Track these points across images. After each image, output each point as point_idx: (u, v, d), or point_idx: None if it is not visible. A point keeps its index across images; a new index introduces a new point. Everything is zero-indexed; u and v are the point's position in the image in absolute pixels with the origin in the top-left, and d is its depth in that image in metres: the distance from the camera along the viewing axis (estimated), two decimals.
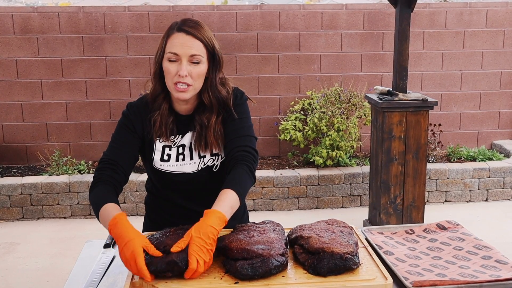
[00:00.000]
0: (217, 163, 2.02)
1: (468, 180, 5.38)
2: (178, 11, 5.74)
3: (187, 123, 2.01)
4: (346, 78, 5.98)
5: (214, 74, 1.96)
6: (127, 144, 1.97)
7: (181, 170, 1.99)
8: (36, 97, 5.73)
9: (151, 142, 1.99)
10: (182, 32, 1.88)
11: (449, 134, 6.21)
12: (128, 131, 1.99)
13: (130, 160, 1.98)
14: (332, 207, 5.29)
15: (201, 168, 2.01)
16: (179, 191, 2.06)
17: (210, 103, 1.97)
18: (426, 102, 4.12)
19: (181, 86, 1.87)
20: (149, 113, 1.99)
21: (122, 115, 2.04)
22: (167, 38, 1.90)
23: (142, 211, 5.09)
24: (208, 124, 1.96)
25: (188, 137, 2.01)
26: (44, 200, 5.03)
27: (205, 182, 2.04)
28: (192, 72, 1.88)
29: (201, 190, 2.06)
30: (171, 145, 1.99)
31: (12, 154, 5.80)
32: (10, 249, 4.45)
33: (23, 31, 5.61)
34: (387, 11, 5.90)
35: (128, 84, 5.79)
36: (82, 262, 1.86)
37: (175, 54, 1.86)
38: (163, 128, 1.95)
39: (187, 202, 2.08)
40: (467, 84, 6.16)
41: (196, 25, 1.90)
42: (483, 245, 1.87)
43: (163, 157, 1.99)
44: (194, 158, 2.00)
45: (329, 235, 1.76)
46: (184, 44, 1.86)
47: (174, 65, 1.87)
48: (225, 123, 2.01)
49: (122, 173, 1.94)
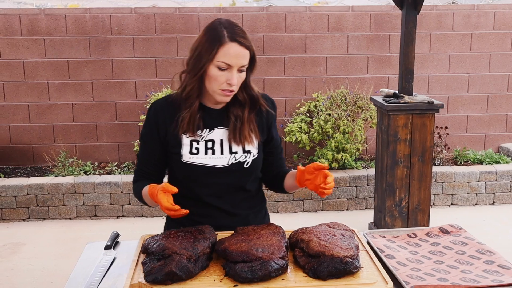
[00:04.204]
0: (248, 160, 2.02)
1: (474, 184, 5.34)
2: (185, 13, 5.75)
3: (216, 117, 2.03)
4: (352, 80, 5.96)
5: (249, 75, 2.01)
6: (154, 150, 2.05)
7: (211, 163, 1.99)
8: (43, 98, 5.75)
9: (178, 137, 2.00)
10: (235, 42, 1.89)
11: (456, 137, 6.18)
12: (153, 132, 2.04)
13: (160, 165, 2.09)
14: (337, 210, 5.27)
15: (232, 163, 2.01)
16: (207, 186, 2.04)
17: (244, 100, 2.03)
18: (432, 104, 4.10)
19: (228, 93, 1.93)
20: (175, 111, 2.01)
21: (147, 114, 2.08)
22: (219, 45, 1.88)
23: (147, 212, 5.10)
24: (243, 117, 2.01)
25: (218, 133, 2.02)
26: (49, 201, 5.04)
27: (235, 178, 2.04)
28: (238, 79, 1.93)
29: (230, 187, 2.06)
30: (199, 139, 2.00)
31: (18, 155, 5.83)
32: (16, 249, 4.47)
33: (30, 33, 5.63)
34: (394, 13, 5.88)
35: (134, 85, 5.80)
36: (82, 264, 1.86)
37: (228, 64, 1.89)
38: (190, 124, 1.98)
39: (214, 199, 2.06)
40: (474, 86, 6.13)
41: (244, 33, 1.93)
42: (486, 250, 1.86)
43: (192, 151, 2.00)
44: (224, 153, 2.01)
45: (330, 239, 1.75)
46: (238, 55, 1.89)
47: (223, 73, 1.90)
48: (262, 127, 2.08)
49: (157, 181, 2.07)
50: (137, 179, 2.11)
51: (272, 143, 2.13)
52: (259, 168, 2.10)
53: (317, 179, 1.84)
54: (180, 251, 1.65)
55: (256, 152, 2.04)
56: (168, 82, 5.75)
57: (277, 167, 2.17)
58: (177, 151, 2.00)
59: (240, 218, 2.08)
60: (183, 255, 1.63)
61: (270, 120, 2.11)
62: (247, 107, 2.03)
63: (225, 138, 2.02)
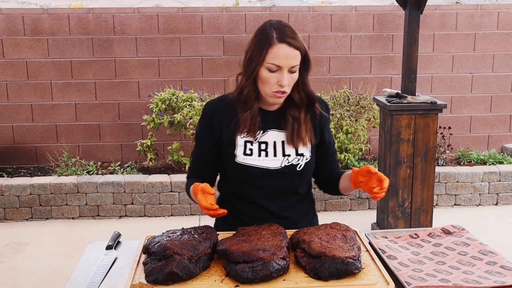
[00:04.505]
0: (301, 163, 2.03)
1: (478, 184, 5.33)
2: (187, 12, 5.75)
3: (271, 119, 2.04)
4: (355, 81, 5.95)
5: (305, 75, 2.00)
6: (207, 149, 2.08)
7: (264, 165, 2.00)
8: (46, 98, 5.76)
9: (232, 138, 2.02)
10: (284, 43, 1.89)
11: (459, 137, 6.16)
12: (207, 132, 2.06)
13: (212, 164, 2.11)
14: (340, 210, 5.27)
15: (285, 166, 2.01)
16: (259, 188, 2.05)
17: (300, 101, 2.03)
18: (435, 105, 4.09)
19: (280, 94, 1.94)
20: (232, 112, 2.02)
21: (202, 114, 2.10)
22: (268, 47, 1.90)
23: (150, 212, 5.10)
24: (300, 118, 2.02)
25: (271, 135, 2.03)
26: (52, 200, 5.05)
27: (287, 180, 2.04)
28: (290, 80, 1.93)
29: (282, 189, 2.06)
30: (253, 140, 2.01)
31: (22, 155, 5.84)
32: (19, 249, 4.47)
33: (34, 33, 5.64)
34: (397, 13, 5.86)
35: (137, 85, 5.81)
36: (83, 264, 1.86)
37: (278, 66, 1.90)
38: (251, 126, 1.99)
39: (266, 201, 2.06)
40: (477, 87, 6.11)
41: (294, 33, 1.92)
42: (488, 251, 1.85)
43: (246, 152, 2.01)
44: (277, 155, 2.01)
45: (331, 239, 1.74)
46: (287, 57, 1.89)
47: (274, 75, 1.91)
48: (315, 130, 2.09)
49: (209, 179, 2.10)
50: (190, 176, 2.15)
51: (325, 146, 2.13)
52: (311, 171, 2.10)
53: (370, 182, 1.85)
54: (181, 251, 1.64)
55: (309, 155, 2.04)
56: (171, 82, 5.75)
57: (330, 169, 2.18)
58: (231, 151, 2.01)
59: (289, 221, 2.08)
60: (184, 256, 1.63)
61: (323, 123, 2.11)
62: (304, 108, 2.04)
63: (278, 140, 2.03)
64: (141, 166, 5.73)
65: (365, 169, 1.86)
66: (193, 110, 5.17)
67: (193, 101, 5.28)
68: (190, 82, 5.80)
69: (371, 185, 1.84)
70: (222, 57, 5.83)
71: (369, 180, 1.86)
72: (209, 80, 5.83)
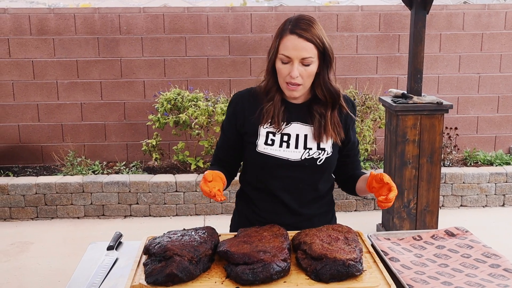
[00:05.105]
0: (322, 157, 2.03)
1: (484, 185, 5.29)
2: (193, 12, 5.75)
3: (294, 112, 2.05)
4: (361, 81, 5.93)
5: (325, 71, 2.00)
6: (229, 138, 2.12)
7: (284, 155, 2.01)
8: (52, 98, 5.78)
9: (255, 128, 2.04)
10: (294, 34, 1.91)
11: (466, 138, 6.12)
12: (230, 121, 2.10)
13: (234, 153, 2.14)
14: (346, 211, 5.25)
15: (305, 158, 2.01)
16: (278, 179, 2.05)
17: (324, 97, 2.03)
18: (441, 105, 4.06)
19: (292, 86, 1.95)
20: (256, 103, 2.05)
21: (228, 104, 2.14)
22: (280, 38, 1.94)
23: (155, 212, 5.10)
24: (326, 115, 2.03)
25: (294, 127, 2.04)
26: (58, 200, 5.06)
27: (307, 174, 2.04)
28: (303, 73, 1.93)
29: (301, 182, 2.06)
30: (275, 131, 2.02)
31: (28, 154, 5.86)
32: (24, 248, 4.49)
33: (40, 32, 5.66)
34: (404, 12, 5.84)
35: (143, 85, 5.81)
36: (85, 264, 1.85)
37: (287, 56, 1.91)
38: (275, 117, 2.01)
39: (284, 194, 2.06)
40: (484, 87, 6.07)
41: (309, 26, 1.92)
42: (492, 253, 1.83)
43: (267, 141, 2.02)
44: (299, 147, 2.02)
45: (333, 241, 1.73)
46: (296, 47, 1.90)
47: (286, 66, 1.93)
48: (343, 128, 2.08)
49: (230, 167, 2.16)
50: (212, 163, 2.19)
51: (350, 145, 2.13)
52: (332, 168, 2.10)
53: (381, 190, 1.86)
54: (181, 253, 1.63)
55: (330, 151, 2.04)
56: (176, 82, 5.75)
57: (352, 169, 2.18)
58: (253, 140, 2.03)
59: (304, 218, 2.09)
60: (184, 257, 1.62)
61: (349, 122, 2.11)
62: (329, 105, 2.04)
63: (301, 133, 2.03)
64: (146, 166, 5.73)
65: (379, 177, 1.86)
66: (199, 110, 5.16)
67: (199, 101, 5.28)
68: (195, 82, 5.80)
69: (382, 193, 1.85)
70: (227, 57, 5.82)
71: (381, 188, 1.87)
72: (214, 80, 5.83)
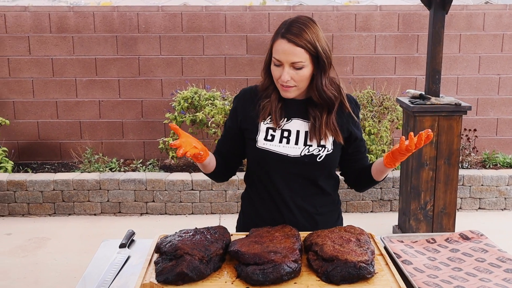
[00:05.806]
0: (322, 154, 2.03)
1: (503, 188, 5.22)
2: (211, 11, 5.75)
3: (294, 108, 2.06)
4: (379, 81, 5.88)
5: (319, 75, 1.98)
6: (229, 132, 2.15)
7: (283, 151, 2.01)
8: (71, 95, 5.83)
9: (256, 124, 2.06)
10: (284, 39, 1.91)
11: (485, 140, 6.05)
12: (232, 116, 2.14)
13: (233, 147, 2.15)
14: (362, 212, 5.22)
15: (304, 155, 2.02)
16: (280, 174, 2.05)
17: (318, 101, 2.03)
18: (459, 106, 4.01)
19: (285, 87, 1.97)
20: (257, 99, 2.08)
21: (233, 100, 2.19)
22: (273, 42, 1.96)
23: (171, 210, 5.12)
24: (321, 118, 2.03)
25: (295, 124, 2.04)
26: (75, 196, 5.11)
27: (306, 170, 2.04)
28: (295, 76, 1.94)
29: (301, 178, 2.06)
30: (275, 127, 2.04)
31: (46, 151, 5.92)
32: (41, 244, 4.54)
33: (59, 30, 5.71)
34: (423, 12, 5.78)
35: (160, 83, 5.84)
36: (97, 262, 1.87)
37: (278, 60, 1.93)
38: (272, 114, 2.03)
39: (286, 191, 2.06)
40: (505, 88, 5.99)
41: (300, 30, 1.91)
42: (507, 258, 1.80)
43: (267, 137, 2.03)
44: (298, 144, 2.03)
45: (345, 243, 1.72)
46: (285, 52, 1.91)
47: (278, 69, 1.95)
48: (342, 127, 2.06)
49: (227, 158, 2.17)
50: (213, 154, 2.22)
51: (356, 142, 2.12)
52: (333, 165, 2.09)
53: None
54: (192, 252, 1.63)
55: (331, 148, 2.03)
56: (193, 81, 5.77)
57: (362, 164, 2.17)
58: (254, 136, 2.05)
59: (307, 215, 2.08)
60: (195, 256, 1.62)
61: (351, 121, 2.09)
62: (324, 109, 2.03)
63: (302, 129, 2.04)
64: (163, 164, 5.76)
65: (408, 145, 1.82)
66: (215, 108, 5.17)
67: (215, 100, 5.29)
68: (212, 81, 5.81)
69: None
70: (245, 56, 5.82)
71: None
72: (231, 79, 5.83)
